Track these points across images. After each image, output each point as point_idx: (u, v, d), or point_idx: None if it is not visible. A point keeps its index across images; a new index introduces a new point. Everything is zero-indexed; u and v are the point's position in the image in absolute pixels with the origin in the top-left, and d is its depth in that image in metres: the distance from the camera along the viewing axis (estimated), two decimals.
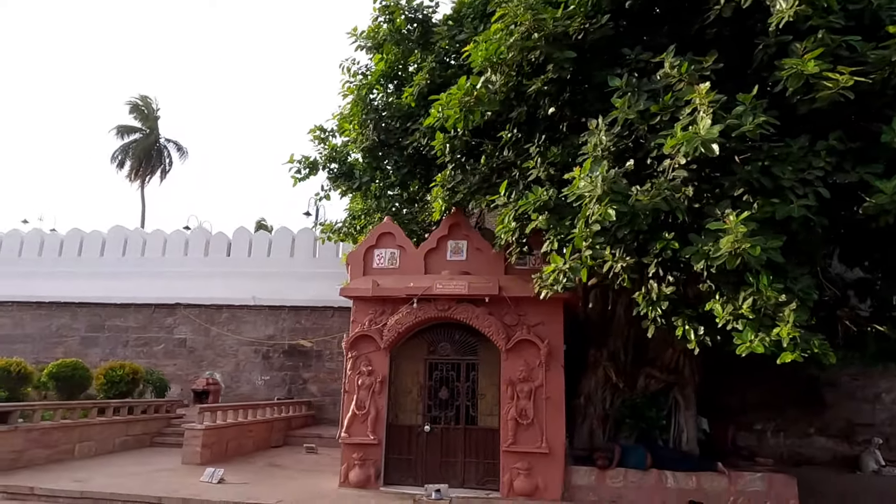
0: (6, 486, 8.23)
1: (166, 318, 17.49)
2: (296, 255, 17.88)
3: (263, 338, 17.03)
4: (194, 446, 10.57)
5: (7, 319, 18.02)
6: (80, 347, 17.53)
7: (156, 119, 41.74)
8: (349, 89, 11.57)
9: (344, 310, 16.88)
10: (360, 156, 11.05)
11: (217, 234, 18.38)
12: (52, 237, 18.94)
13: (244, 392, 16.76)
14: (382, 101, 10.98)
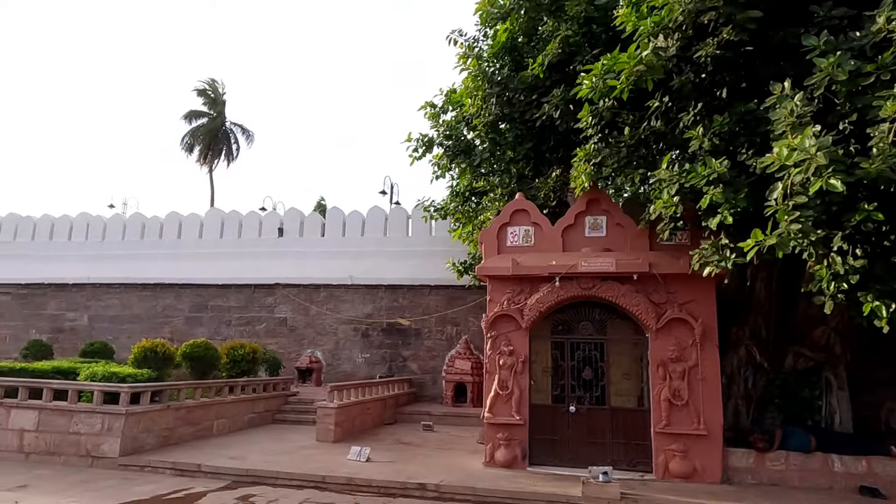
0: (174, 462, 8.53)
1: (266, 298, 17.88)
2: (389, 233, 17.89)
3: (362, 316, 17.20)
4: (327, 424, 10.76)
5: (115, 301, 18.80)
6: (186, 327, 18.15)
7: (223, 103, 42.46)
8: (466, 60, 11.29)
9: (440, 288, 16.92)
10: (483, 131, 10.75)
11: (311, 214, 18.57)
12: (153, 220, 19.53)
13: (345, 370, 17.03)
14: (504, 74, 10.62)
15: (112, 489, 7.49)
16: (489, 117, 10.51)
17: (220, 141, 42.08)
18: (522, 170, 11.20)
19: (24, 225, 20.31)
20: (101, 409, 8.86)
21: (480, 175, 11.51)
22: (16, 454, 9.01)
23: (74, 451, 8.83)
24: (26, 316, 19.25)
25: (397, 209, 18.14)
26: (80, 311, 18.96)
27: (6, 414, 9.17)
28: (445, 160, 11.87)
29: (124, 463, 8.64)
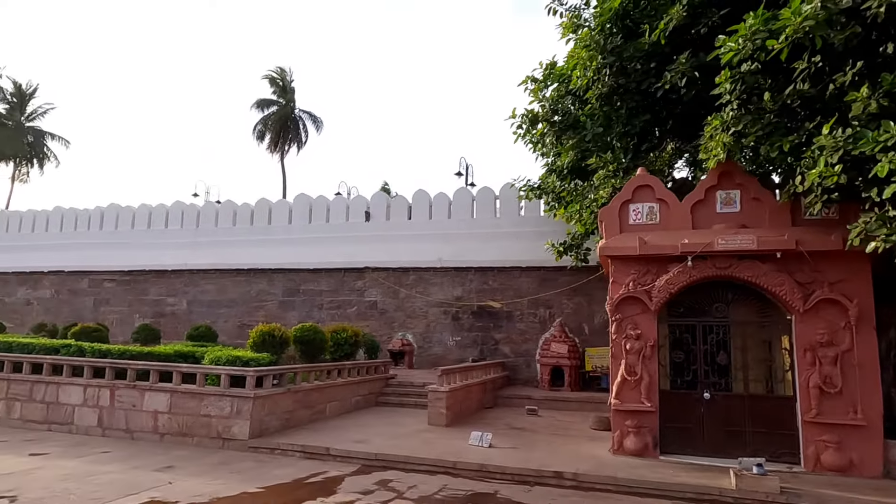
0: (304, 445, 8.62)
1: (356, 282, 18.03)
2: (476, 215, 17.61)
3: (451, 299, 17.07)
4: (439, 408, 10.67)
5: (212, 286, 19.45)
6: (279, 311, 18.57)
7: (292, 91, 43.12)
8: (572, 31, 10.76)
9: (532, 270, 16.54)
10: (596, 105, 10.20)
11: (397, 198, 18.53)
12: (244, 208, 20.01)
13: (436, 352, 17.00)
14: (616, 42, 10.01)
15: (252, 471, 7.61)
16: (603, 89, 9.96)
17: (290, 128, 42.85)
18: (637, 144, 10.60)
19: (124, 215, 21.27)
20: (230, 393, 9.05)
21: (590, 151, 10.98)
22: (151, 434, 9.36)
23: (206, 432, 9.07)
24: (130, 301, 20.23)
25: (484, 190, 17.81)
26: (178, 296, 19.75)
27: (140, 396, 9.53)
28: (551, 136, 11.41)
29: (254, 445, 8.81)
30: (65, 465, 7.60)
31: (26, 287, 21.59)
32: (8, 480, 6.75)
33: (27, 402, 10.19)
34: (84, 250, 21.11)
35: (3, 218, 23.02)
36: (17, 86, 39.97)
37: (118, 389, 9.68)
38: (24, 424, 10.10)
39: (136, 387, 9.58)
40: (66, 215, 22.09)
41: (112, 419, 9.63)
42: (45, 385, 10.13)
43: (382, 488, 7.00)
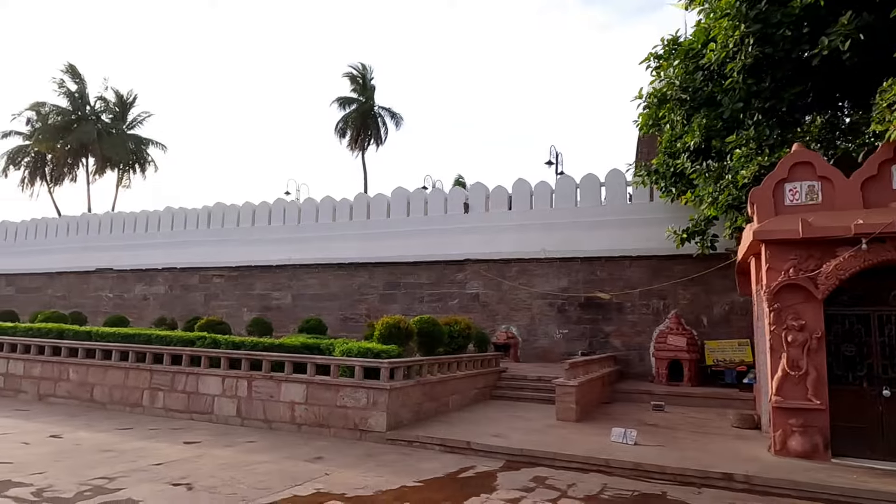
0: (443, 439, 8.49)
1: (457, 274, 17.88)
2: (581, 203, 17.01)
3: (557, 290, 16.59)
4: (568, 403, 10.28)
5: (314, 280, 19.88)
6: (380, 304, 18.72)
7: (372, 88, 43.70)
8: (699, 2, 10.02)
9: (643, 259, 15.80)
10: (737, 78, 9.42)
11: (496, 188, 18.18)
12: (342, 203, 20.33)
13: (542, 345, 16.59)
14: (760, 9, 9.19)
15: (398, 464, 7.53)
16: (747, 60, 9.19)
17: (370, 125, 43.43)
18: (781, 119, 9.74)
19: (230, 213, 22.13)
20: (366, 384, 9.05)
21: (720, 130, 10.20)
22: (288, 425, 9.53)
23: (342, 423, 9.12)
24: (238, 296, 21.03)
25: (588, 177, 17.16)
26: (283, 290, 20.33)
27: (277, 387, 9.72)
28: (681, 115, 10.70)
29: (391, 437, 8.76)
30: (219, 454, 7.79)
31: (143, 283, 22.92)
32: (176, 468, 6.96)
33: (169, 391, 10.64)
34: (194, 248, 22.15)
35: (120, 219, 24.55)
36: (119, 96, 42.62)
37: (255, 380, 9.92)
38: (168, 413, 10.56)
39: (272, 378, 9.77)
40: (177, 215, 23.26)
41: (250, 409, 9.88)
42: (186, 376, 10.54)
43: (541, 485, 6.71)
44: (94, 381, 11.43)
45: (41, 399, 11.94)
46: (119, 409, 10.97)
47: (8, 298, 25.48)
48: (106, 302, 23.50)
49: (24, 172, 41.32)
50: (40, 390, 12.04)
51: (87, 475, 6.47)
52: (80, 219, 25.90)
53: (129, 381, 11.06)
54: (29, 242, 26.45)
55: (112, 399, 11.16)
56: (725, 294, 14.84)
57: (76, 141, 39.18)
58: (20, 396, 12.21)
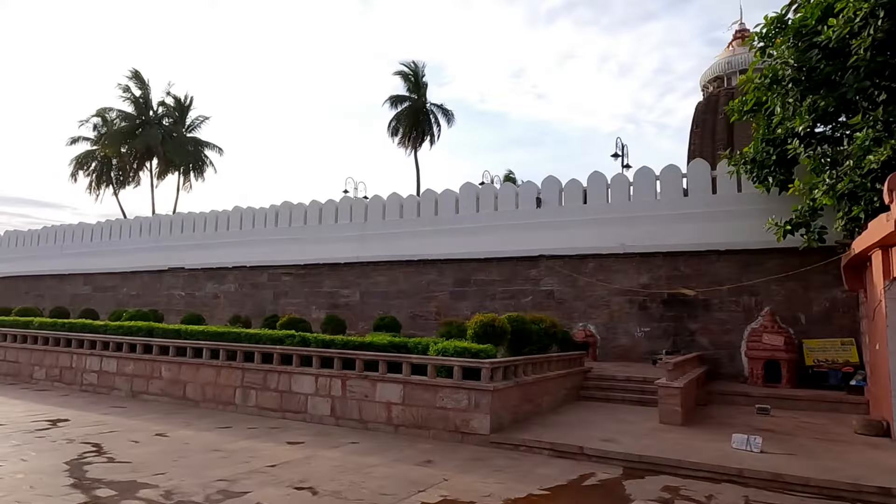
0: (552, 443, 8.11)
1: (530, 271, 17.43)
2: (661, 196, 16.29)
3: (637, 287, 15.94)
4: (672, 405, 9.73)
5: (382, 277, 19.78)
6: (451, 301, 18.46)
7: (424, 85, 43.57)
8: None
9: (731, 253, 15.00)
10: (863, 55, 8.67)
11: (570, 181, 17.63)
12: (410, 200, 20.16)
13: (622, 344, 15.99)
14: None
15: (513, 469, 7.19)
16: (877, 35, 8.42)
17: (422, 122, 43.32)
18: None
19: (297, 212, 22.29)
20: (466, 385, 8.75)
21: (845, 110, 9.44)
22: (385, 426, 9.33)
23: (442, 425, 8.85)
24: (306, 294, 21.17)
25: (670, 168, 16.42)
26: (351, 287, 20.32)
27: (372, 386, 9.53)
28: (794, 96, 9.96)
29: (496, 441, 8.43)
30: (328, 455, 7.63)
31: (213, 282, 23.37)
32: (292, 470, 6.82)
33: (262, 390, 10.62)
34: (262, 246, 22.42)
35: (190, 219, 25.11)
36: (176, 99, 43.71)
37: (349, 379, 9.77)
38: (260, 412, 10.54)
39: (367, 377, 9.60)
40: (245, 214, 23.61)
41: (345, 409, 9.73)
42: (278, 374, 10.50)
43: (677, 497, 6.25)
44: (186, 378, 11.55)
45: (134, 396, 12.16)
46: (212, 407, 11.03)
47: (85, 297, 26.49)
48: (178, 300, 24.09)
49: (92, 176, 42.98)
50: (133, 387, 12.26)
51: (207, 476, 6.38)
52: (152, 219, 26.67)
53: (220, 380, 11.11)
54: (104, 243, 27.41)
55: (205, 397, 11.24)
56: (825, 290, 13.92)
57: (142, 144, 40.48)
58: (113, 393, 12.48)
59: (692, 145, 32.69)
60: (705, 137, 32.14)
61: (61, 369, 13.60)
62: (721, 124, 31.27)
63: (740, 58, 31.78)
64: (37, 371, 14.05)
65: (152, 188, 42.24)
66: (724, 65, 32.35)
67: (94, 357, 12.99)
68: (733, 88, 31.30)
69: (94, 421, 9.49)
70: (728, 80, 32.20)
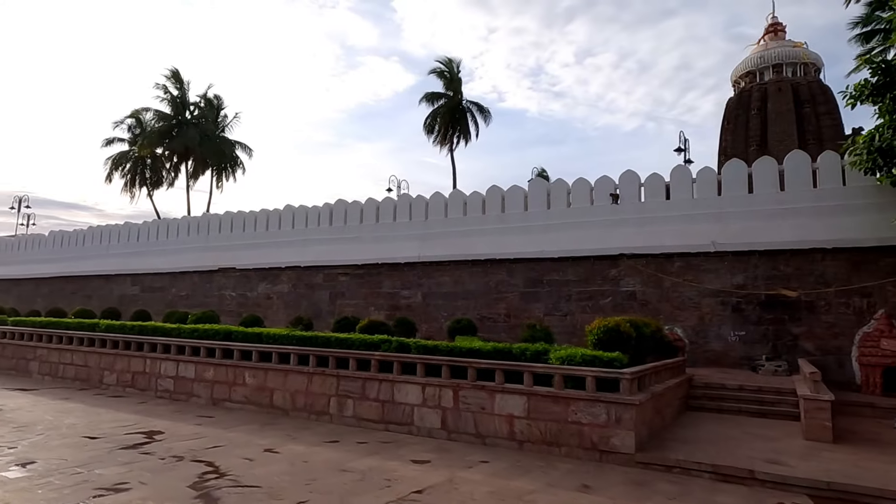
0: (714, 465, 7.20)
1: (609, 270, 16.49)
2: (757, 190, 15.22)
3: (730, 287, 14.91)
4: (822, 420, 8.77)
5: (447, 278, 18.99)
6: (521, 303, 17.60)
7: (458, 82, 42.71)
8: None
9: (839, 252, 13.91)
10: None
11: (651, 175, 16.66)
12: (474, 197, 19.32)
13: (714, 348, 14.97)
14: None
15: (688, 497, 6.32)
16: None
17: (458, 120, 42.52)
18: None
19: (353, 210, 21.60)
20: (605, 398, 7.89)
21: None
22: (507, 441, 8.51)
23: (576, 442, 8.00)
24: (365, 294, 20.47)
25: (764, 161, 15.38)
26: (413, 288, 19.56)
27: (489, 398, 8.72)
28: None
29: (643, 461, 7.56)
30: (470, 478, 6.83)
31: (266, 282, 22.79)
32: (445, 498, 6.02)
33: (360, 399, 9.87)
34: (317, 245, 21.79)
35: (240, 218, 24.58)
36: (207, 100, 43.30)
37: (462, 389, 8.96)
38: (359, 423, 9.79)
39: (483, 387, 8.78)
40: (297, 213, 23.00)
41: (458, 422, 8.93)
42: (379, 383, 9.74)
43: None
44: (274, 385, 10.86)
45: (215, 404, 11.52)
46: (304, 417, 10.32)
47: (133, 298, 26.15)
48: (229, 301, 23.57)
49: (127, 177, 42.79)
50: (214, 394, 11.62)
51: None
52: (200, 219, 26.22)
53: (312, 387, 10.39)
54: (151, 243, 27.04)
55: (294, 406, 10.54)
56: None
57: (181, 145, 40.28)
58: (192, 401, 11.85)
59: (723, 141, 31.48)
60: (738, 133, 30.93)
61: (133, 374, 13.03)
62: (755, 120, 30.09)
63: (773, 52, 30.72)
64: (107, 376, 13.51)
65: (188, 188, 42.08)
66: (757, 60, 31.23)
67: (170, 362, 12.38)
68: (766, 84, 30.20)
69: (191, 433, 8.82)
70: (760, 76, 31.04)
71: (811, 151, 18.64)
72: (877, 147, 11.62)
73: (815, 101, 29.30)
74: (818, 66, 31.06)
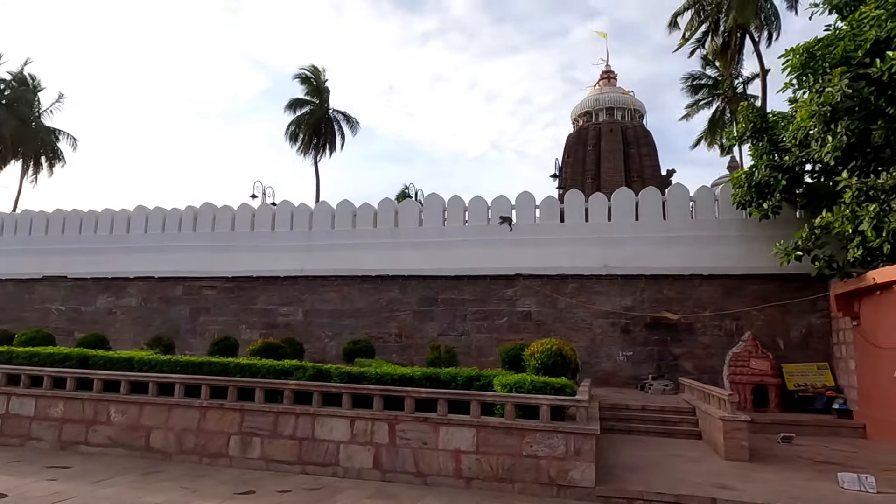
0: (676, 495, 6.99)
1: (505, 290, 16.39)
2: (642, 219, 16.12)
3: (620, 309, 15.56)
4: (740, 440, 9.19)
5: (334, 294, 17.59)
6: (415, 322, 16.85)
7: (326, 91, 41.32)
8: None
9: (714, 278, 15.16)
10: None
11: (546, 198, 16.94)
12: (365, 209, 18.19)
13: (605, 368, 15.47)
14: None
15: None
16: None
17: (324, 130, 41.15)
18: None
19: (223, 216, 19.24)
20: (564, 429, 7.41)
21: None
22: (452, 479, 7.65)
23: (533, 477, 7.41)
24: (235, 311, 18.23)
25: (649, 191, 16.40)
26: (293, 305, 17.84)
27: (433, 431, 7.82)
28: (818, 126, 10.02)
29: (604, 494, 7.18)
30: None
31: (108, 295, 19.39)
32: None
33: (270, 437, 8.35)
34: (178, 254, 19.00)
35: (75, 218, 20.68)
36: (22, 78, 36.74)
37: (400, 423, 7.94)
38: (268, 465, 8.25)
39: (427, 420, 7.85)
40: (152, 216, 19.93)
41: (395, 460, 7.87)
42: (295, 417, 8.32)
43: None
44: (152, 423, 8.84)
45: (65, 448, 9.11)
46: (195, 461, 8.49)
47: None
48: (56, 316, 19.68)
49: None
50: (63, 436, 9.19)
51: None
52: (19, 216, 21.66)
53: (206, 424, 8.61)
54: None
55: (181, 447, 8.64)
56: (802, 316, 14.49)
57: None
58: (31, 445, 9.27)
59: (564, 174, 34.30)
60: (576, 166, 33.96)
61: None
62: (591, 155, 33.34)
63: (607, 96, 34.70)
64: None
65: None
66: (593, 102, 34.92)
67: None
68: (600, 124, 33.77)
69: (48, 494, 6.70)
70: (596, 116, 34.53)
71: (636, 187, 20.81)
72: (755, 182, 12.82)
73: (639, 142, 33.14)
74: (642, 112, 35.30)
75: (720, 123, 36.54)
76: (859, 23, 10.21)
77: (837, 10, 11.15)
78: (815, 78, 11.00)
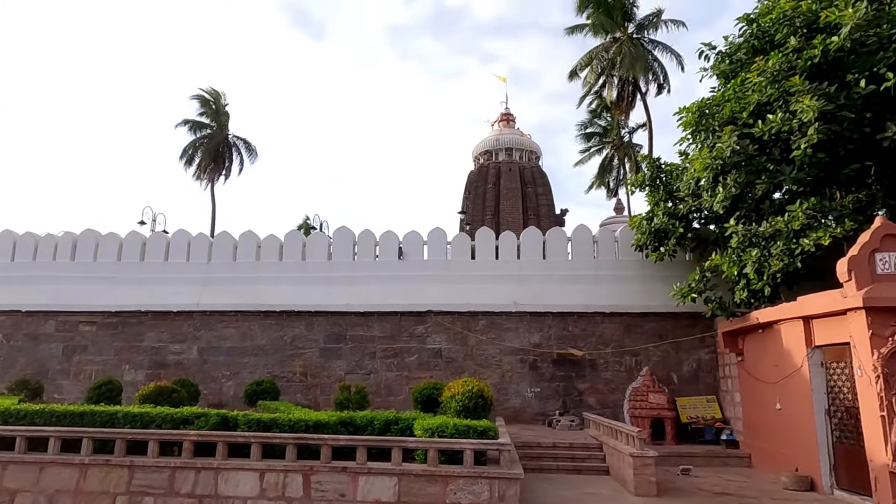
0: None
1: (416, 327, 16.17)
2: (548, 257, 16.67)
3: (529, 346, 15.85)
4: (648, 476, 9.51)
5: (232, 330, 16.47)
6: (321, 360, 16.14)
7: (225, 115, 39.98)
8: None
9: (615, 315, 15.90)
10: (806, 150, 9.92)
11: (458, 235, 17.11)
12: (270, 240, 17.33)
13: (514, 405, 15.58)
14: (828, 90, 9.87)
15: None
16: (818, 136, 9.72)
17: (223, 154, 39.73)
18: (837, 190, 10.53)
19: (107, 244, 17.55)
20: (488, 474, 7.25)
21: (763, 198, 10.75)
22: None
23: None
24: (118, 349, 16.52)
25: (556, 231, 17.03)
26: (187, 342, 16.47)
27: (351, 482, 7.36)
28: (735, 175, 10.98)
29: None
30: None
31: None
32: None
33: (166, 496, 7.46)
34: (49, 284, 17.03)
35: None
36: None
37: (316, 474, 7.41)
38: None
39: (345, 470, 7.38)
40: (20, 242, 17.79)
41: None
42: (196, 472, 7.51)
43: None
44: (17, 486, 7.60)
45: None
46: None
47: None
48: None
49: None
50: None
51: None
52: None
53: (87, 484, 7.54)
54: None
55: None
56: (693, 352, 15.50)
57: None
58: None
59: (465, 209, 35.55)
60: (477, 203, 35.36)
61: None
62: (490, 192, 34.91)
63: (506, 137, 36.77)
64: None
65: None
66: (493, 141, 36.82)
67: None
68: (500, 163, 35.53)
69: None
70: (496, 155, 36.26)
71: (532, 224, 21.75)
72: (654, 228, 13.71)
73: (535, 182, 35.06)
74: (538, 154, 37.45)
75: (609, 168, 39.45)
76: (742, 87, 11.35)
77: (724, 77, 12.39)
78: (706, 134, 12.05)
